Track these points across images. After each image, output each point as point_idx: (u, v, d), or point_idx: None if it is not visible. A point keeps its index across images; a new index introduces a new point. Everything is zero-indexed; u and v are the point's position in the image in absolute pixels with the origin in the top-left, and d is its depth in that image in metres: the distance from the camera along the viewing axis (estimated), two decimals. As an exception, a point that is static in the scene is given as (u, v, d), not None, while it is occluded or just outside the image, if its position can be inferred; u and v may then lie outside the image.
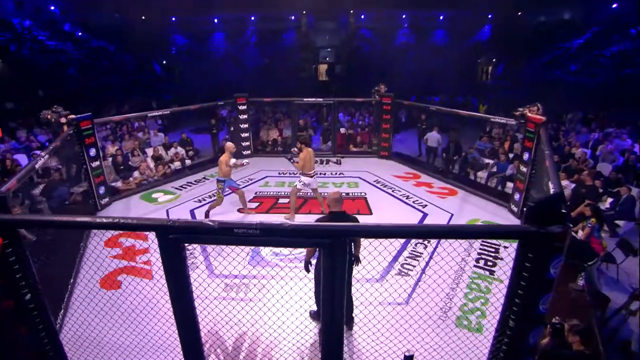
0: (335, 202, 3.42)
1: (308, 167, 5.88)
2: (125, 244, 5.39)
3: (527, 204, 2.17)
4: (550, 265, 2.14)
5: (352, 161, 9.49)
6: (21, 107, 15.98)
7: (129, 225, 2.52)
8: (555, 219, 2.04)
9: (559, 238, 2.06)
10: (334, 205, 3.42)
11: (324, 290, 2.41)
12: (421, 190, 7.42)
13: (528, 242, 2.15)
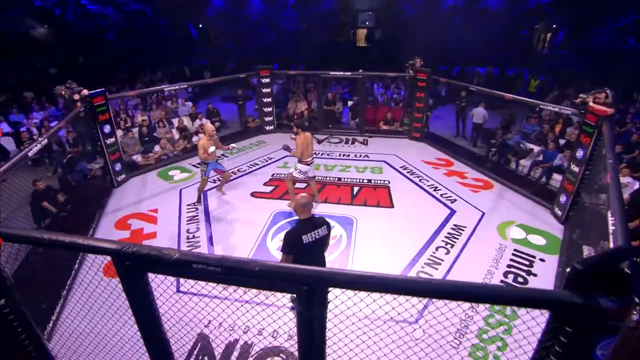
0: (302, 208, 3.04)
1: (306, 154, 5.43)
2: (133, 226, 5.34)
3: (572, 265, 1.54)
4: (598, 346, 1.58)
5: (380, 142, 8.81)
6: (64, 73, 16.49)
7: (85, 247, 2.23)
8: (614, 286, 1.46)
9: (616, 316, 1.48)
10: (300, 212, 3.06)
11: (299, 344, 2.03)
12: (452, 181, 6.70)
13: (567, 314, 1.59)
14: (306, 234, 2.97)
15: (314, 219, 3.10)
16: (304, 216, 3.05)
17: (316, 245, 3.06)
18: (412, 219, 5.44)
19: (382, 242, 4.91)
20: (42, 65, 16.12)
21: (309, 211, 3.05)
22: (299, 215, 3.08)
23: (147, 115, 11.18)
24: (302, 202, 3.03)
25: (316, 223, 3.06)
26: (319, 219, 3.13)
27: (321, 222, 3.11)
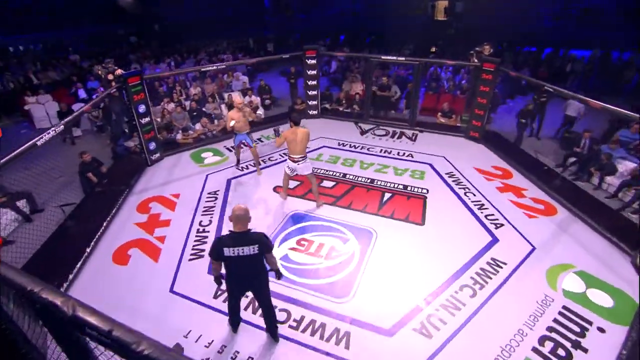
0: (235, 220, 2.84)
1: (292, 150, 4.99)
2: (152, 210, 5.41)
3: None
4: None
5: (432, 138, 7.81)
6: (141, 40, 17.59)
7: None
8: None
9: None
10: (235, 223, 2.85)
11: None
12: (504, 199, 5.64)
13: None
14: (229, 247, 2.79)
15: (247, 234, 2.86)
16: (236, 229, 2.85)
17: (244, 262, 2.86)
18: (442, 243, 4.68)
19: (399, 267, 4.29)
20: (123, 34, 17.29)
21: (241, 225, 2.83)
22: (234, 226, 2.86)
23: (202, 88, 11.35)
24: (235, 214, 2.83)
25: (246, 239, 2.83)
26: (252, 236, 2.86)
27: (253, 240, 2.83)
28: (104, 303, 3.79)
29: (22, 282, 1.66)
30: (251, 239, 2.84)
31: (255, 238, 2.85)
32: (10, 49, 12.83)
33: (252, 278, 3.04)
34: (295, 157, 5.00)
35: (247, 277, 3.03)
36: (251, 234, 2.87)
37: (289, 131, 4.93)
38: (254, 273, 3.02)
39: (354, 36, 19.18)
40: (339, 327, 3.56)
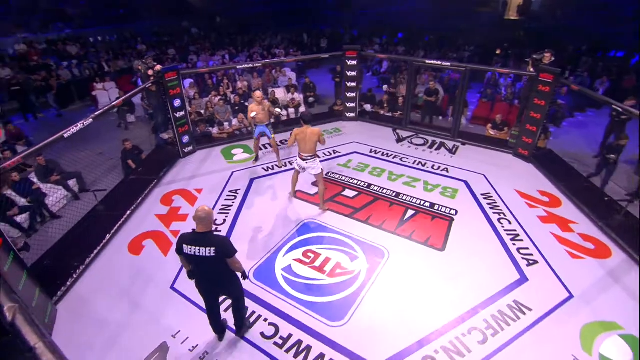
0: (197, 220, 2.84)
1: (301, 148, 5.02)
2: (174, 203, 5.60)
3: None
4: None
5: (475, 152, 7.14)
6: (202, 32, 18.43)
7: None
8: None
9: None
10: (197, 224, 2.86)
11: None
12: (546, 231, 4.95)
13: None
14: (188, 244, 2.85)
15: (207, 235, 2.85)
16: (198, 229, 2.85)
17: (204, 262, 2.88)
18: (460, 275, 4.22)
19: (405, 296, 3.96)
20: (187, 26, 18.29)
21: (202, 226, 2.83)
22: (197, 226, 2.86)
23: (248, 82, 11.59)
24: (197, 215, 2.83)
25: (205, 241, 2.82)
26: (211, 239, 2.85)
27: (211, 242, 2.82)
28: (110, 290, 4.03)
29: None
30: (209, 241, 2.83)
31: (214, 241, 2.84)
32: (90, 39, 14.21)
33: (215, 279, 3.04)
34: (304, 155, 5.01)
35: (209, 278, 3.04)
36: (210, 236, 2.86)
37: (299, 129, 4.94)
38: (216, 274, 3.00)
39: (412, 34, 18.32)
40: (324, 353, 3.36)
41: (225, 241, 2.91)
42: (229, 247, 2.88)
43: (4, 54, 11.60)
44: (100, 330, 3.62)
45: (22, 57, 11.97)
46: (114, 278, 4.25)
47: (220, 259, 2.87)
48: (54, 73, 11.44)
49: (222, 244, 2.86)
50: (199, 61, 14.14)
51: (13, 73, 10.96)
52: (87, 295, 4.05)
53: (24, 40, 12.41)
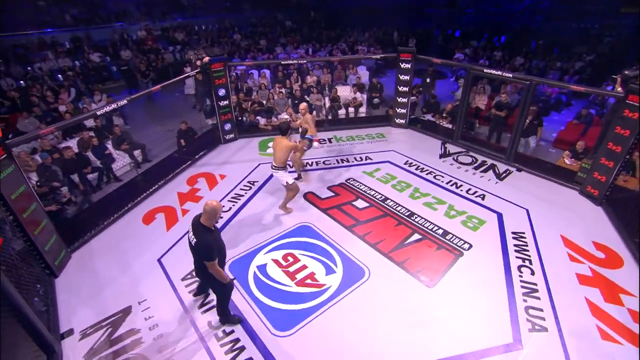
0: (204, 212, 3.04)
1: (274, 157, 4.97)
2: (197, 185, 6.08)
3: None
4: None
5: (529, 181, 6.06)
6: (294, 25, 19.20)
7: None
8: None
9: None
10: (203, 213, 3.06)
11: None
12: (580, 295, 3.95)
13: None
14: (191, 225, 3.13)
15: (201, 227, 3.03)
16: (202, 218, 3.04)
17: (190, 247, 3.14)
18: (439, 319, 3.69)
19: (366, 326, 3.63)
20: (282, 18, 19.28)
21: (205, 218, 3.03)
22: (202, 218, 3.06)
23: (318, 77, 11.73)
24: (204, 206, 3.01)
25: (197, 230, 3.03)
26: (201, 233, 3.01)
27: (199, 236, 3.00)
28: (114, 250, 4.62)
29: None
30: (199, 232, 3.01)
31: (201, 236, 2.99)
32: (195, 28, 16.12)
33: (197, 267, 3.24)
34: (273, 164, 5.00)
35: (194, 262, 3.24)
36: (201, 229, 3.02)
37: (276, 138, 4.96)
38: (197, 263, 3.18)
39: (517, 38, 16.14)
40: (253, 359, 3.33)
41: (205, 243, 2.99)
42: (204, 251, 3.00)
43: (128, 39, 13.92)
44: (92, 281, 4.22)
45: (141, 41, 14.20)
46: (121, 241, 4.87)
47: (196, 252, 3.08)
48: (160, 56, 13.33)
49: (202, 243, 2.99)
50: (281, 54, 14.82)
51: (132, 55, 13.13)
52: (97, 250, 4.73)
53: (145, 27, 14.70)
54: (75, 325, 3.70)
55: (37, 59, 11.61)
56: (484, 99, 9.48)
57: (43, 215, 4.20)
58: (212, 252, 2.99)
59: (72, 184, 6.29)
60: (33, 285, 3.98)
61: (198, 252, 3.06)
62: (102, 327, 3.67)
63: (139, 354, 3.40)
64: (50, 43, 12.63)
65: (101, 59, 12.42)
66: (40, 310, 3.78)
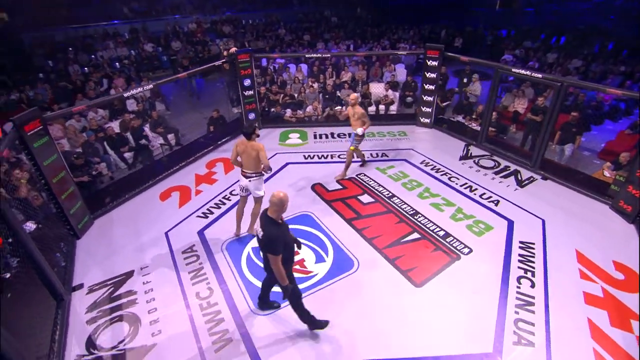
0: (271, 204, 2.92)
1: (244, 163, 4.32)
2: (214, 169, 6.43)
3: None
4: None
5: (554, 192, 5.64)
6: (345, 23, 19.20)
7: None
8: None
9: None
10: (270, 205, 2.94)
11: None
12: (583, 316, 3.64)
13: None
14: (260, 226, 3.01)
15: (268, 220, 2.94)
16: (269, 211, 2.96)
17: (258, 241, 3.08)
18: (417, 320, 3.62)
19: (344, 315, 3.67)
20: (328, 14, 19.38)
21: (272, 210, 2.93)
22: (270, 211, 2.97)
23: (353, 72, 11.71)
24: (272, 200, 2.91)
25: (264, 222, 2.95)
26: (268, 225, 2.91)
27: (265, 228, 2.91)
28: (130, 221, 5.08)
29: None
30: (264, 224, 2.93)
31: (267, 229, 2.89)
32: (243, 22, 16.78)
33: (265, 260, 3.15)
34: (247, 172, 4.31)
35: (263, 256, 3.17)
36: (268, 222, 2.92)
37: (240, 141, 4.27)
38: (264, 257, 3.12)
39: (579, 39, 14.79)
40: (228, 330, 3.52)
41: (271, 237, 2.85)
42: (269, 244, 2.87)
43: (180, 31, 14.88)
44: (107, 245, 4.69)
45: (191, 33, 15.11)
46: (137, 213, 5.32)
47: (263, 246, 2.99)
48: (207, 48, 14.10)
49: (268, 236, 2.86)
50: (320, 49, 14.95)
51: (182, 46, 14.04)
52: (116, 219, 5.22)
53: (195, 20, 15.61)
54: (86, 281, 4.15)
55: (100, 48, 12.85)
56: (524, 103, 8.88)
57: (71, 182, 4.74)
58: (277, 246, 2.83)
59: (109, 161, 6.97)
60: (57, 243, 4.53)
61: (264, 246, 2.95)
62: (106, 285, 4.08)
63: (132, 312, 3.74)
64: (112, 34, 13.90)
65: (154, 49, 13.42)
66: (60, 265, 4.30)
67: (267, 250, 2.91)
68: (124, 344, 3.43)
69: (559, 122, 7.50)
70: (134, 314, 3.72)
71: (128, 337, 3.50)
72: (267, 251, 2.91)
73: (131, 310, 3.77)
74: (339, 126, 8.06)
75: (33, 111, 4.24)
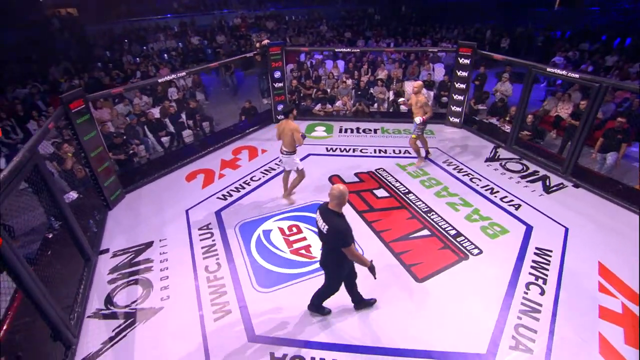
0: (331, 197, 2.85)
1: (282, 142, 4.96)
2: (239, 155, 6.74)
3: None
4: None
5: (585, 200, 5.28)
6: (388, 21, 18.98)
7: None
8: None
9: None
10: (330, 199, 2.86)
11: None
12: (594, 330, 3.41)
13: None
14: (319, 212, 2.97)
15: (331, 213, 2.87)
16: (330, 205, 2.89)
17: (320, 234, 3.03)
18: (410, 314, 3.61)
19: (339, 301, 3.74)
20: (372, 12, 19.25)
21: (333, 204, 2.85)
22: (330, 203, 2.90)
23: (389, 70, 11.62)
24: (331, 191, 2.86)
25: (327, 216, 2.88)
26: (333, 219, 2.84)
27: (331, 222, 2.84)
28: (156, 198, 5.50)
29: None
30: (330, 219, 2.86)
31: (330, 222, 2.84)
32: (285, 18, 17.19)
33: (323, 253, 3.20)
34: (283, 149, 4.97)
35: (322, 249, 3.21)
36: (331, 215, 2.86)
37: (279, 123, 4.96)
38: (324, 250, 3.16)
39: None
40: (228, 302, 3.74)
41: (340, 229, 2.81)
42: (339, 236, 2.82)
43: (225, 25, 15.57)
44: (133, 217, 5.13)
45: (236, 28, 15.75)
46: (164, 191, 5.74)
47: (329, 239, 2.93)
48: (249, 42, 14.63)
49: (335, 228, 2.82)
50: (357, 46, 14.91)
51: (225, 40, 14.70)
52: (145, 195, 5.67)
53: (240, 15, 16.24)
54: (111, 247, 4.58)
55: (151, 40, 13.81)
56: (569, 108, 8.30)
57: (107, 158, 5.23)
58: (348, 237, 2.81)
59: (148, 144, 7.54)
60: (91, 212, 5.03)
61: (333, 239, 2.89)
62: (128, 252, 4.48)
63: (146, 277, 4.09)
64: (163, 27, 14.86)
65: (200, 41, 14.17)
66: (92, 231, 4.78)
67: (339, 243, 2.83)
68: (136, 304, 3.77)
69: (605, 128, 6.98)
70: (148, 279, 4.05)
71: (140, 299, 3.83)
72: (339, 244, 2.84)
73: (146, 275, 4.11)
74: (366, 122, 8.08)
75: (78, 91, 4.73)
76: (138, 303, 3.78)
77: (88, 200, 5.19)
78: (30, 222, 4.27)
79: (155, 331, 3.49)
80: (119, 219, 5.11)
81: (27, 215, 4.01)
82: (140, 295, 3.88)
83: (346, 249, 2.85)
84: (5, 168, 2.99)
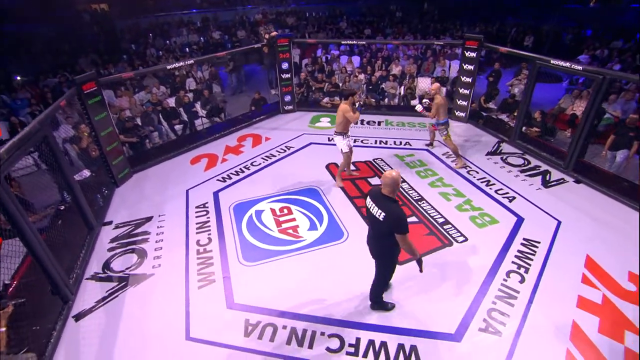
0: (384, 184, 2.82)
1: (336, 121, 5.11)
2: (244, 142, 6.99)
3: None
4: None
5: (584, 196, 5.15)
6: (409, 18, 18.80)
7: None
8: None
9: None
10: (383, 186, 2.84)
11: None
12: (568, 318, 3.38)
13: None
14: (371, 198, 2.92)
15: (383, 198, 2.82)
16: (383, 190, 2.84)
17: (373, 220, 2.94)
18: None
19: (321, 277, 3.89)
20: (393, 9, 19.10)
21: (387, 190, 2.81)
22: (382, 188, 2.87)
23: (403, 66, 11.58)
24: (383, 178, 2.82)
25: (381, 203, 2.82)
26: (388, 205, 2.78)
27: (386, 208, 2.77)
28: (161, 178, 5.82)
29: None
30: (385, 205, 2.79)
31: (389, 208, 2.77)
32: (306, 14, 17.38)
33: (374, 241, 3.12)
34: (335, 130, 5.18)
35: (372, 237, 3.14)
36: (387, 201, 2.80)
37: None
38: (375, 238, 3.06)
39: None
40: (214, 272, 3.96)
41: (399, 215, 2.74)
42: (399, 223, 2.73)
43: (246, 21, 15.96)
44: (138, 194, 5.48)
45: (256, 23, 16.10)
46: (169, 172, 6.07)
47: (384, 226, 2.82)
48: (268, 37, 14.95)
49: (393, 215, 2.74)
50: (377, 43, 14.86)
51: (245, 35, 15.08)
52: (151, 175, 6.02)
53: (262, 11, 16.59)
54: (115, 220, 4.92)
55: (174, 34, 14.38)
56: (583, 105, 8.03)
57: (116, 137, 5.60)
58: (405, 223, 2.74)
59: (162, 131, 7.94)
60: (100, 187, 5.40)
61: (390, 225, 2.77)
62: (129, 224, 4.81)
63: (142, 247, 4.38)
64: (186, 21, 15.43)
65: (220, 36, 14.61)
66: (99, 205, 5.15)
67: (398, 229, 2.75)
68: (130, 270, 4.06)
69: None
70: (143, 249, 4.35)
71: (134, 265, 4.12)
72: (397, 231, 2.75)
73: (142, 246, 4.41)
74: (372, 114, 8.14)
75: (91, 74, 5.11)
76: (132, 269, 4.08)
77: (98, 178, 5.57)
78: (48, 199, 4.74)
79: (143, 294, 3.76)
80: (124, 195, 5.47)
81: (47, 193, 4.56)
82: (134, 262, 4.17)
83: (402, 236, 2.75)
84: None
